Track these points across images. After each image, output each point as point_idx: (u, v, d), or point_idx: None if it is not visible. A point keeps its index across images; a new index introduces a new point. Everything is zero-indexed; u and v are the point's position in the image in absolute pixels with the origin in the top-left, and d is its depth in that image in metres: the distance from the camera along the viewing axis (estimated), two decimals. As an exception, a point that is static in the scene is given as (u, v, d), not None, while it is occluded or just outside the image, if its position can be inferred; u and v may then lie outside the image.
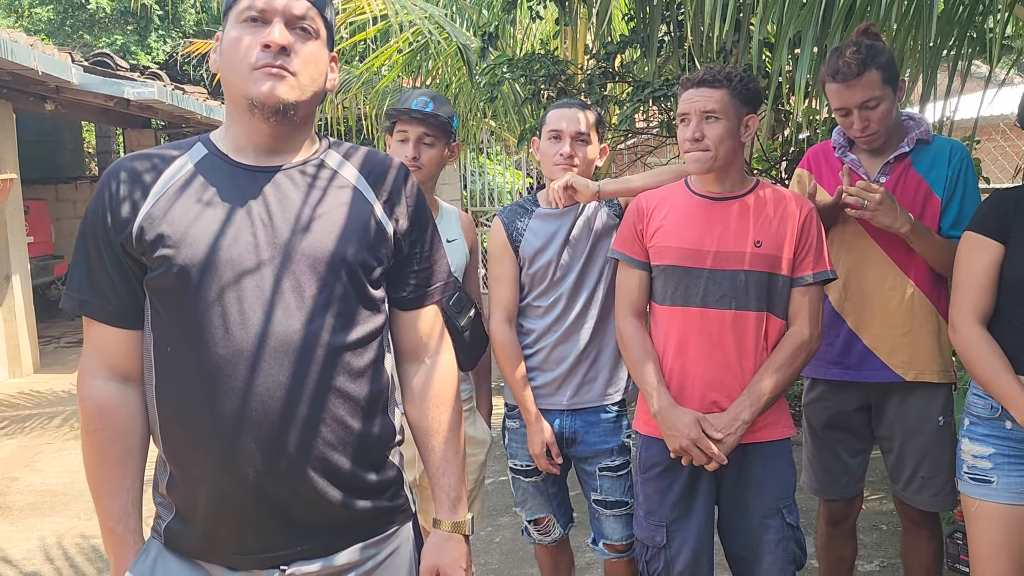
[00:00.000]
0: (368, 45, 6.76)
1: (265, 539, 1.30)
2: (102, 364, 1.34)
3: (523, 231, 2.33)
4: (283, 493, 1.28)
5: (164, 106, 8.01)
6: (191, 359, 1.27)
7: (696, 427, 1.97)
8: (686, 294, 2.03)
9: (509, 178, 10.93)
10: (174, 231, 1.27)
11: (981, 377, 1.93)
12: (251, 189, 1.32)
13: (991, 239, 1.94)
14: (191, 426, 1.28)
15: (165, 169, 1.33)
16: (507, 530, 3.62)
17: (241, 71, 1.29)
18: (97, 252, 1.31)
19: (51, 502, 4.21)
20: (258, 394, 1.25)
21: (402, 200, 1.41)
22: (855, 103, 2.15)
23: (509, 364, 2.30)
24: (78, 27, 12.42)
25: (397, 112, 2.28)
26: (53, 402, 6.24)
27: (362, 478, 1.35)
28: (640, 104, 4.09)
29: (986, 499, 1.95)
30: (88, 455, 1.35)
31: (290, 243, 1.29)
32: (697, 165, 2.02)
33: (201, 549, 1.33)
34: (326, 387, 1.28)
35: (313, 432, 1.28)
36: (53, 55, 6.59)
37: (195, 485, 1.30)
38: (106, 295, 1.32)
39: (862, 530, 3.47)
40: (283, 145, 1.35)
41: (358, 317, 1.33)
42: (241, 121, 1.33)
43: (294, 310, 1.27)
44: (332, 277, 1.30)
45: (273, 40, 1.27)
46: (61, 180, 10.78)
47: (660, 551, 2.11)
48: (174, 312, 1.28)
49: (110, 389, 1.33)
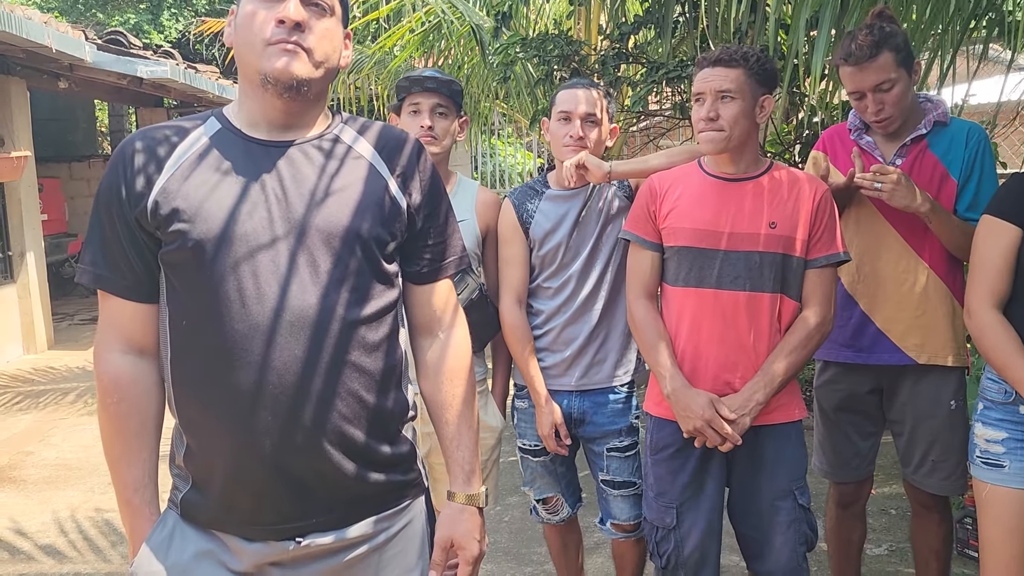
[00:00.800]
0: (380, 25, 6.73)
1: (280, 510, 1.32)
2: (118, 338, 1.35)
3: (533, 213, 2.32)
4: (299, 465, 1.29)
5: (177, 84, 8.02)
6: (207, 333, 1.28)
7: (710, 408, 1.97)
8: (700, 275, 2.03)
9: (520, 159, 10.90)
10: (189, 205, 1.28)
11: (996, 362, 1.91)
12: (265, 164, 1.32)
13: (1009, 223, 1.91)
14: (208, 399, 1.29)
15: (179, 143, 1.33)
16: (516, 509, 3.65)
17: (255, 46, 1.29)
18: (112, 226, 1.31)
19: (65, 476, 4.26)
20: (274, 367, 1.26)
21: (416, 175, 1.41)
22: (868, 86, 2.13)
23: (518, 345, 2.31)
24: (91, 5, 12.42)
25: (409, 83, 2.27)
26: (68, 378, 6.30)
27: (376, 451, 1.36)
28: (654, 85, 4.05)
29: (998, 483, 1.94)
30: (105, 428, 1.37)
31: (305, 217, 1.29)
32: (711, 145, 2.01)
33: (217, 520, 1.34)
34: (341, 361, 1.29)
35: (328, 405, 1.29)
36: (67, 33, 6.59)
37: (212, 457, 1.31)
38: (121, 269, 1.33)
39: (871, 514, 3.48)
40: (296, 120, 1.35)
41: (372, 291, 1.34)
42: (255, 96, 1.33)
43: (309, 284, 1.28)
44: (347, 251, 1.31)
45: (288, 16, 1.27)
46: (75, 158, 10.82)
47: (670, 532, 2.11)
48: (189, 286, 1.29)
49: (126, 363, 1.35)
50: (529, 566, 3.17)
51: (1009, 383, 1.91)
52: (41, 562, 3.30)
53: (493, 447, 2.43)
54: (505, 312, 2.32)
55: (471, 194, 2.39)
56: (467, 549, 1.45)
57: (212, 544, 1.35)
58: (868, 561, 3.10)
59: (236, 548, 1.34)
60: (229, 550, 1.34)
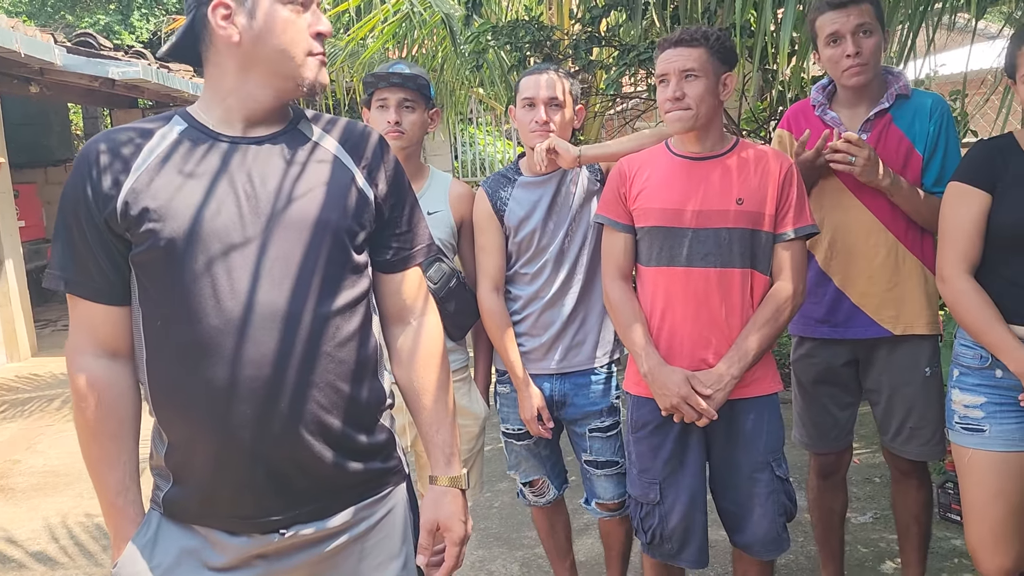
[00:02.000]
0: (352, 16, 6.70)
1: (263, 504, 1.33)
2: (90, 341, 1.35)
3: (507, 200, 2.34)
4: (279, 458, 1.31)
5: (150, 85, 7.95)
6: (182, 331, 1.29)
7: (685, 384, 1.99)
8: (671, 254, 2.05)
9: (500, 147, 10.89)
10: (159, 205, 1.28)
11: (972, 327, 1.93)
12: (233, 160, 1.33)
13: (978, 189, 1.93)
14: (185, 396, 1.30)
15: (145, 144, 1.33)
16: (506, 495, 3.67)
17: (296, 55, 1.33)
18: (80, 230, 1.31)
19: (54, 482, 4.25)
20: (250, 362, 1.27)
21: (381, 167, 1.44)
22: (850, 27, 2.14)
23: (497, 331, 2.33)
24: (59, 7, 12.29)
25: (376, 79, 2.28)
26: (52, 384, 6.27)
27: (355, 440, 1.38)
28: (626, 68, 4.07)
29: (980, 447, 1.97)
30: (82, 432, 1.37)
31: (275, 212, 1.31)
32: (679, 124, 2.02)
33: (200, 515, 1.35)
34: (316, 352, 1.31)
35: (305, 396, 1.31)
36: (35, 36, 6.52)
37: (193, 453, 1.32)
38: (91, 272, 1.32)
39: (855, 483, 3.53)
40: (271, 117, 1.38)
41: (344, 282, 1.36)
42: (248, 95, 1.34)
43: (281, 278, 1.30)
44: (317, 244, 1.33)
45: (328, 30, 1.36)
46: (50, 163, 10.73)
47: (654, 508, 2.14)
48: (162, 286, 1.30)
49: (100, 366, 1.35)
50: (520, 550, 3.20)
51: (986, 348, 1.93)
52: (32, 569, 3.30)
53: (477, 435, 2.46)
54: (483, 299, 2.34)
55: (444, 186, 2.40)
56: (453, 531, 1.48)
57: (195, 541, 1.36)
58: (853, 529, 3.15)
59: (219, 542, 1.35)
60: (212, 546, 1.35)
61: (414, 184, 2.36)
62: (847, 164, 2.13)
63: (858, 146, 2.11)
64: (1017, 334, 1.88)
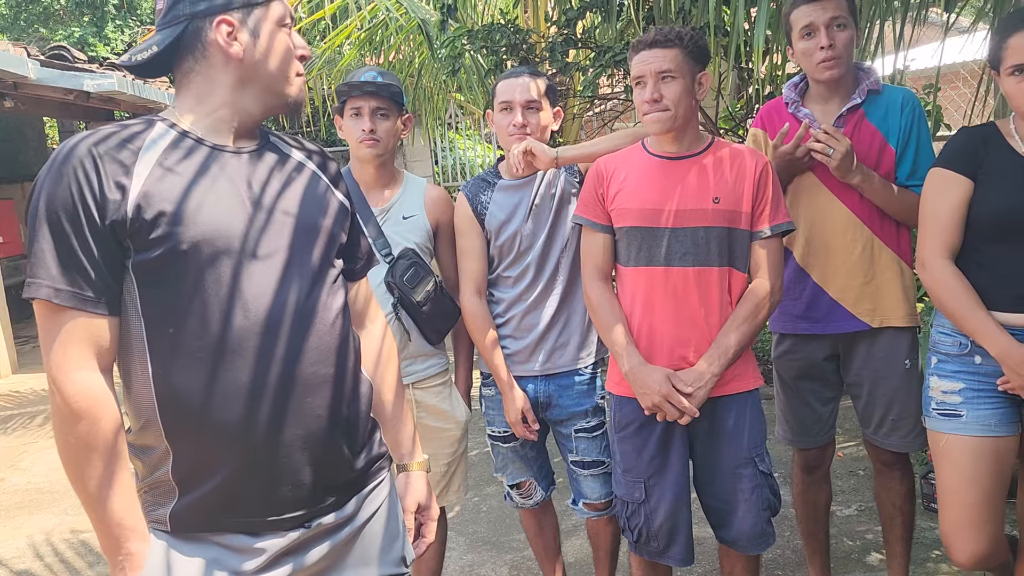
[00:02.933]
0: (327, 24, 6.68)
1: (290, 500, 1.36)
2: (85, 355, 1.27)
3: (487, 204, 2.35)
4: (301, 454, 1.35)
5: (126, 97, 7.89)
6: (201, 336, 1.28)
7: (666, 383, 2.01)
8: (649, 254, 2.06)
9: (480, 152, 10.90)
10: (178, 209, 1.27)
11: (953, 313, 1.95)
12: (233, 168, 1.38)
13: (961, 175, 1.95)
14: (204, 402, 1.28)
15: (139, 147, 1.31)
16: (494, 499, 3.67)
17: (287, 75, 1.43)
18: (79, 238, 1.24)
19: (38, 500, 4.21)
20: (275, 360, 1.32)
21: (341, 181, 1.56)
22: (824, 19, 2.16)
23: (481, 335, 2.34)
24: (33, 21, 12.20)
25: (348, 87, 2.28)
26: (34, 401, 6.21)
27: (360, 430, 1.47)
28: (603, 69, 4.08)
29: (955, 432, 1.99)
30: (77, 453, 1.26)
31: (282, 219, 1.38)
32: (658, 125, 2.04)
33: (219, 523, 1.33)
34: (330, 349, 1.39)
35: (323, 392, 1.38)
36: (8, 50, 6.47)
37: (212, 460, 1.31)
38: (92, 281, 1.26)
39: (840, 476, 3.56)
40: (253, 131, 1.45)
41: (337, 284, 1.46)
42: (241, 108, 1.40)
43: (296, 280, 1.36)
44: (319, 248, 1.42)
45: (310, 54, 1.48)
46: (27, 178, 10.62)
47: (639, 506, 2.15)
48: (177, 292, 1.28)
49: (98, 380, 1.27)
50: (509, 553, 3.20)
51: (967, 334, 1.95)
52: (18, 587, 3.27)
53: (460, 439, 2.46)
54: (466, 303, 2.35)
55: (419, 190, 2.41)
56: (431, 508, 1.66)
57: (215, 552, 1.33)
58: (838, 522, 3.17)
59: (242, 547, 1.34)
60: (235, 552, 1.34)
61: (389, 190, 2.37)
62: (825, 156, 2.14)
63: (837, 139, 2.13)
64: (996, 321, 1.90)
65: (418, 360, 2.36)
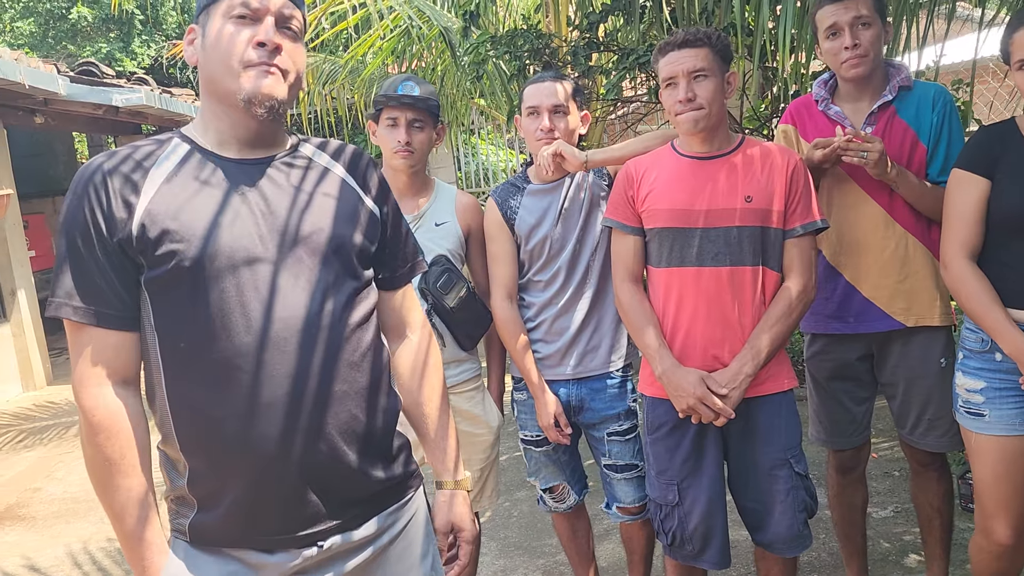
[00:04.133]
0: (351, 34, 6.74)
1: (301, 517, 1.34)
2: (104, 371, 1.30)
3: (516, 209, 2.35)
4: (313, 470, 1.32)
5: (153, 110, 8.01)
6: (210, 351, 1.28)
7: (701, 385, 1.99)
8: (681, 254, 2.06)
9: (503, 157, 10.92)
10: (180, 226, 1.27)
11: (973, 311, 1.96)
12: (244, 181, 1.34)
13: (978, 175, 1.96)
14: (213, 418, 1.29)
15: (150, 165, 1.33)
16: (525, 503, 3.67)
17: (232, 67, 1.31)
18: (91, 255, 1.28)
19: (74, 509, 4.26)
20: (280, 377, 1.28)
21: (380, 186, 1.50)
22: (848, 19, 2.15)
23: (512, 339, 2.34)
24: (61, 38, 12.38)
25: (386, 99, 2.29)
26: (69, 412, 6.30)
27: (379, 448, 1.41)
28: (626, 72, 4.07)
29: (981, 431, 2.01)
30: (101, 467, 1.30)
31: (293, 230, 1.33)
32: (692, 124, 2.02)
33: (234, 538, 1.34)
34: (344, 364, 1.34)
35: (333, 409, 1.33)
36: (38, 68, 6.58)
37: (225, 475, 1.31)
38: (106, 299, 1.29)
39: (875, 477, 3.52)
40: (264, 139, 1.38)
41: (360, 296, 1.40)
42: (225, 115, 1.35)
43: (306, 292, 1.32)
44: (336, 260, 1.36)
45: (269, 39, 1.31)
46: (57, 192, 10.77)
47: (673, 509, 2.14)
48: (184, 308, 1.28)
49: (117, 396, 1.31)
50: (541, 558, 3.19)
51: (986, 331, 1.96)
52: (57, 595, 3.31)
53: (492, 444, 2.46)
54: (497, 308, 2.35)
55: (450, 197, 2.43)
56: (467, 530, 1.56)
57: (232, 566, 1.34)
58: (875, 524, 3.13)
59: (257, 563, 1.34)
60: (250, 568, 1.34)
61: (420, 198, 2.38)
62: (860, 160, 2.13)
63: (868, 143, 2.12)
64: (1016, 318, 1.90)
65: (451, 365, 2.37)
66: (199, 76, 1.38)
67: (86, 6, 11.85)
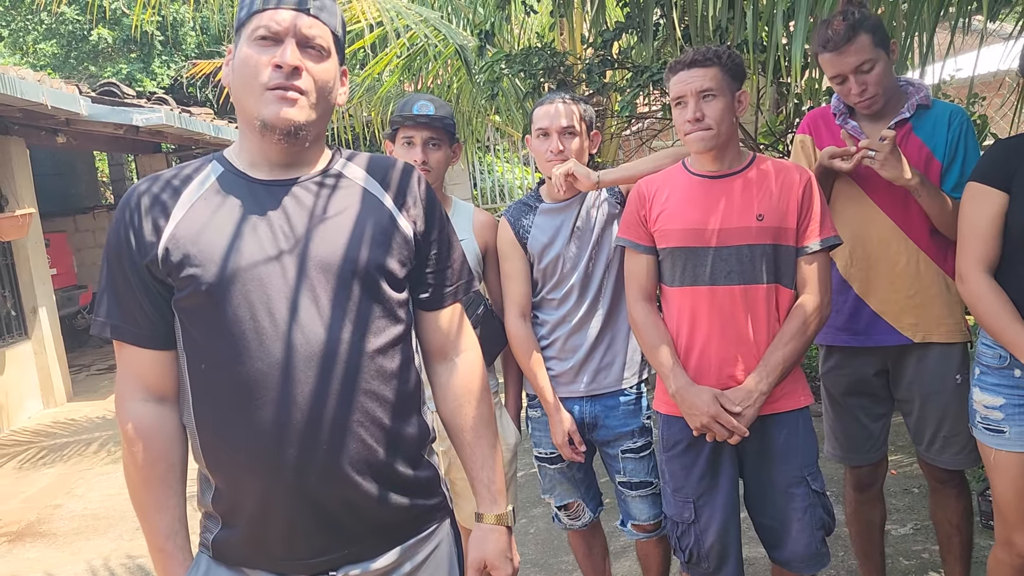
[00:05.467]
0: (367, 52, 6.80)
1: (313, 544, 1.33)
2: (138, 386, 1.36)
3: (529, 228, 2.36)
4: (327, 496, 1.31)
5: (172, 130, 8.10)
6: (226, 374, 1.29)
7: (715, 403, 2.00)
8: (694, 273, 2.06)
9: (518, 174, 10.96)
10: (199, 250, 1.30)
11: (990, 326, 1.94)
12: (270, 203, 1.34)
13: (995, 188, 1.95)
14: (232, 439, 1.30)
15: (184, 190, 1.35)
16: (541, 520, 3.66)
17: (253, 90, 1.31)
18: (124, 277, 1.33)
19: (94, 526, 4.30)
20: (296, 402, 1.28)
21: (418, 203, 1.43)
22: (849, 68, 2.16)
23: (525, 357, 2.35)
24: (83, 59, 12.56)
25: (402, 119, 2.32)
26: (89, 428, 6.35)
27: (400, 477, 1.37)
28: (640, 89, 4.10)
29: (1001, 448, 1.99)
30: (131, 477, 1.37)
31: (314, 253, 1.31)
32: (701, 144, 2.04)
33: (250, 558, 1.35)
34: (361, 390, 1.31)
35: (351, 435, 1.31)
36: (61, 88, 6.68)
37: (241, 495, 1.32)
38: (135, 318, 1.34)
39: (894, 494, 3.49)
40: (296, 159, 1.38)
41: (385, 320, 1.36)
42: (253, 138, 1.36)
43: (324, 318, 1.30)
44: (358, 283, 1.33)
45: (285, 61, 1.29)
46: (79, 211, 10.93)
47: (689, 527, 2.14)
48: (205, 330, 1.31)
49: (148, 410, 1.36)
50: (558, 575, 3.18)
51: (1004, 347, 1.94)
52: (77, 612, 3.33)
53: (509, 462, 2.46)
54: (510, 326, 2.36)
55: (468, 215, 2.44)
56: (500, 569, 1.48)
57: None
58: (894, 541, 3.10)
59: None
60: None
61: None
62: (868, 159, 2.13)
63: (876, 148, 2.11)
64: None
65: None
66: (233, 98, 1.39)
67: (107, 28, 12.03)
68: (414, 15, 5.43)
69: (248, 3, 1.34)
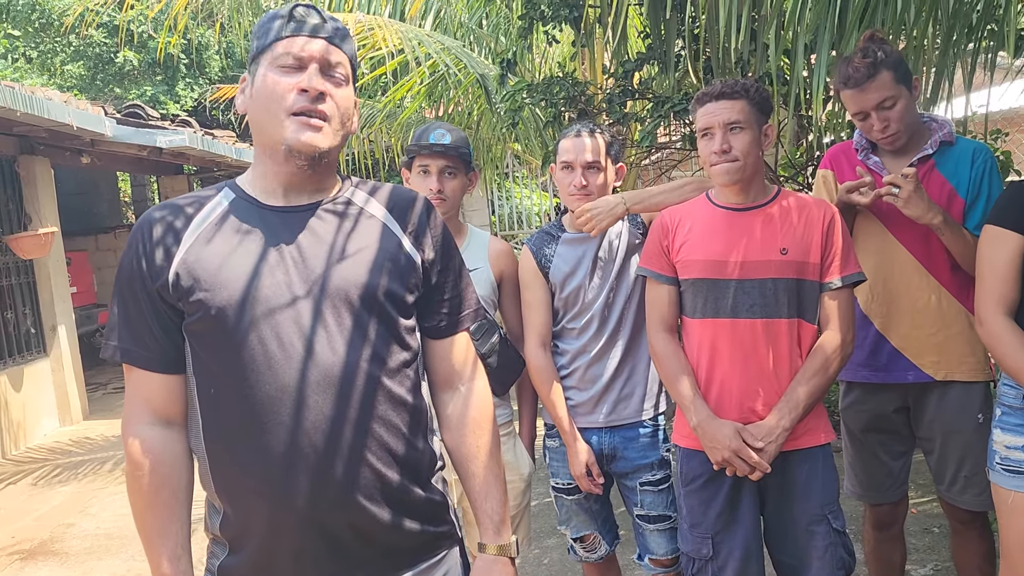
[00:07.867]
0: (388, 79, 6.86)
1: (322, 570, 1.33)
2: (145, 410, 1.36)
3: (551, 257, 2.36)
4: (335, 522, 1.31)
5: (195, 152, 8.20)
6: (235, 399, 1.30)
7: (737, 438, 1.98)
8: (716, 306, 2.05)
9: (536, 200, 10.99)
10: (208, 276, 1.31)
11: (1010, 368, 1.92)
12: (281, 229, 1.35)
13: (1012, 231, 1.93)
14: (242, 464, 1.31)
15: (195, 216, 1.36)
16: (555, 551, 3.63)
17: (277, 115, 1.32)
18: (134, 301, 1.34)
19: (107, 545, 4.29)
20: (305, 428, 1.28)
21: (427, 232, 1.45)
22: (871, 105, 2.16)
23: (545, 387, 2.34)
24: (108, 81, 12.75)
25: (419, 147, 2.33)
26: (104, 447, 6.37)
27: (409, 504, 1.38)
28: (661, 120, 4.11)
29: (1021, 490, 1.93)
30: (135, 500, 1.37)
31: (323, 278, 1.32)
32: (727, 176, 2.03)
33: None
34: (369, 417, 1.32)
35: (360, 461, 1.31)
36: (87, 110, 6.79)
37: (250, 520, 1.32)
38: (145, 342, 1.34)
39: (914, 534, 3.43)
40: (311, 186, 1.39)
41: (393, 347, 1.37)
42: (271, 163, 1.37)
43: (332, 343, 1.30)
44: (366, 309, 1.33)
45: (312, 85, 1.31)
46: (100, 230, 11.04)
47: (707, 563, 2.11)
48: (215, 355, 1.32)
49: (154, 434, 1.35)
50: (571, 607, 3.15)
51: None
52: (87, 633, 3.32)
53: (523, 491, 2.45)
54: (530, 355, 2.35)
55: (483, 243, 2.44)
56: None
57: None
58: (914, 582, 3.05)
59: None
60: None
61: None
62: (891, 196, 2.12)
63: (899, 184, 2.11)
64: None
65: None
66: (251, 125, 1.40)
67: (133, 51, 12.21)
68: (435, 43, 5.49)
69: (268, 31, 1.36)
